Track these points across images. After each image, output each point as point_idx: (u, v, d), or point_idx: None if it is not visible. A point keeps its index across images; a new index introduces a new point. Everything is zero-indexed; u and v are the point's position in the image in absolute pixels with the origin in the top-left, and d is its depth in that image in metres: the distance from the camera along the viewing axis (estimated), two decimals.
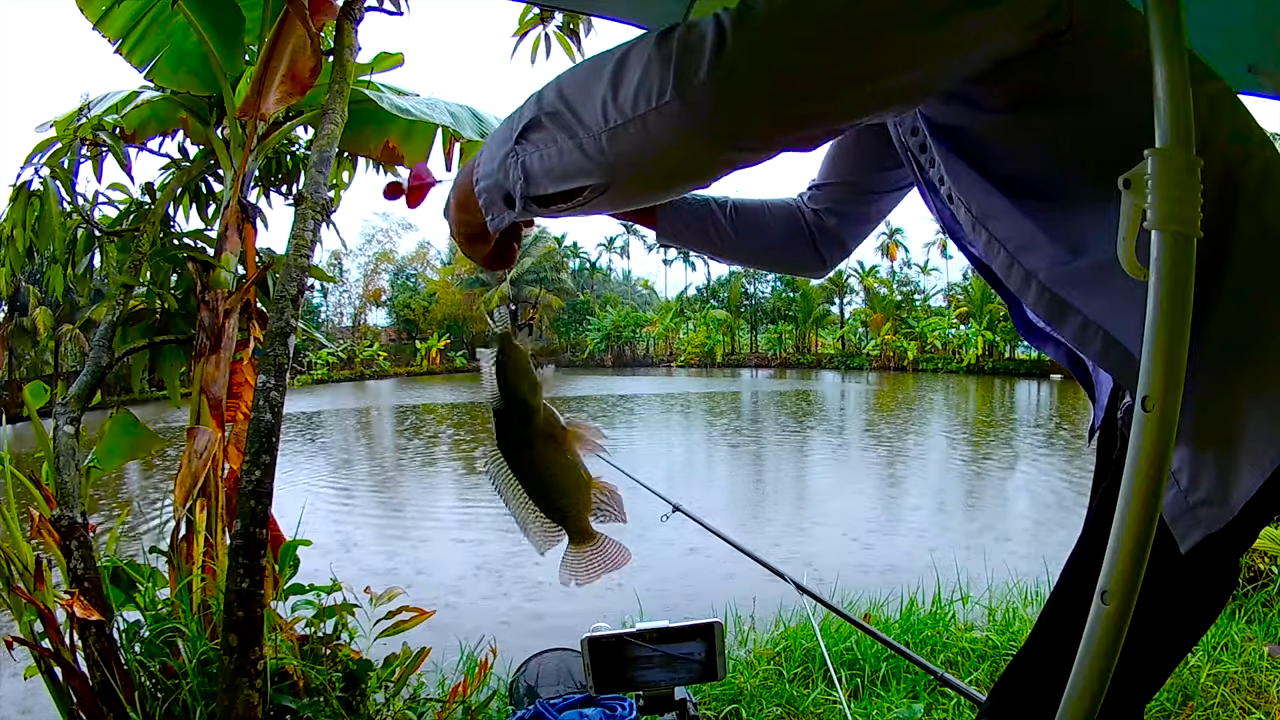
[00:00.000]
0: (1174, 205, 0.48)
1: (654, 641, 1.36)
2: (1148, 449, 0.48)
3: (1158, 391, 0.48)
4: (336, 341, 45.42)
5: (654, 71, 0.53)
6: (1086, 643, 0.50)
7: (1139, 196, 0.49)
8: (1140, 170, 0.49)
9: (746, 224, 1.09)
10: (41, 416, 2.49)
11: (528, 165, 0.60)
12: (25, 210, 2.94)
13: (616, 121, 0.55)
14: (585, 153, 0.57)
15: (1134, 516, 0.48)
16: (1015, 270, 0.72)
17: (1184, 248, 0.48)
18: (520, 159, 0.60)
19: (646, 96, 0.53)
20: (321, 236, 2.33)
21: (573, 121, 0.57)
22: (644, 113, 0.53)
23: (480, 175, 0.64)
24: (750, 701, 2.81)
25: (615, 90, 0.54)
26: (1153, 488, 0.48)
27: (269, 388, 2.11)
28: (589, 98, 0.56)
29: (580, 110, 0.56)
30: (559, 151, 0.58)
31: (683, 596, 5.44)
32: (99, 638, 2.19)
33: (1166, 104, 0.49)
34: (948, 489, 10.40)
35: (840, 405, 23.88)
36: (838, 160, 1.09)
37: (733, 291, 53.48)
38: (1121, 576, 0.48)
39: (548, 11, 2.85)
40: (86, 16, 2.73)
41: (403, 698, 2.48)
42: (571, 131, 0.57)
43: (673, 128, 0.53)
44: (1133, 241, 0.49)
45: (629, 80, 0.54)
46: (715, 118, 0.53)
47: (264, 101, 2.48)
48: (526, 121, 0.60)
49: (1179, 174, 0.48)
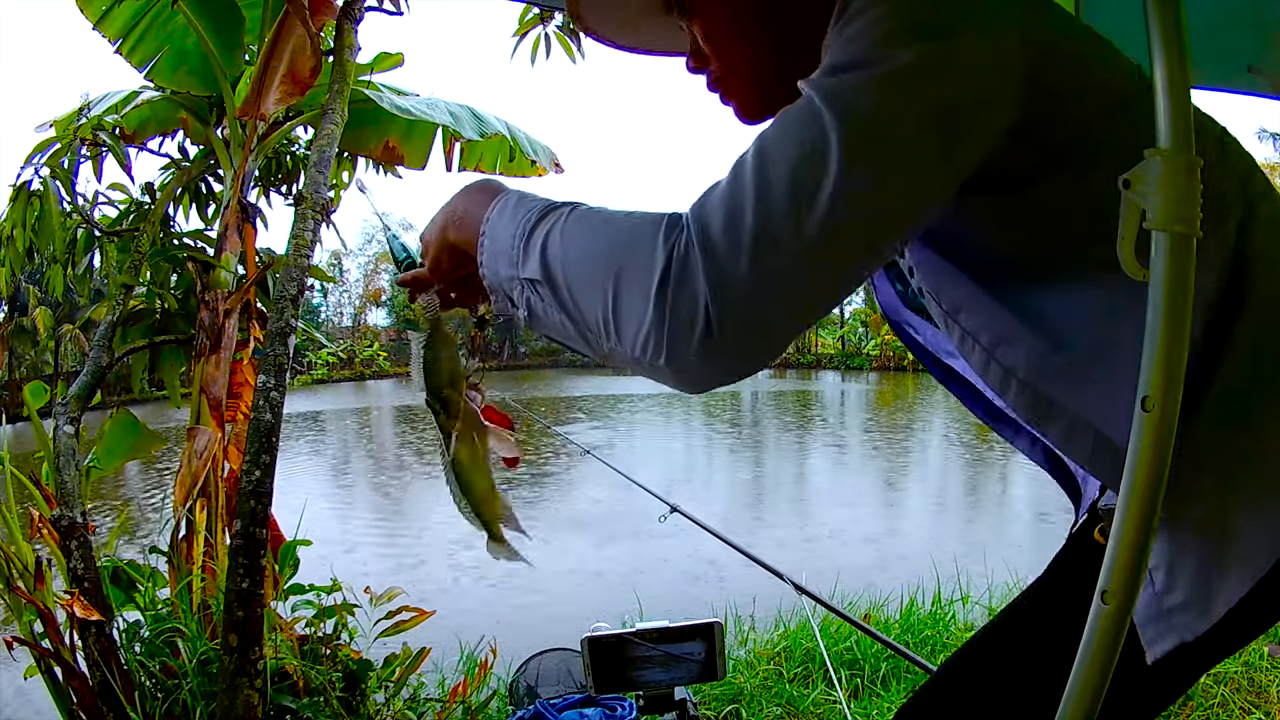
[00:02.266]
0: (1175, 205, 0.48)
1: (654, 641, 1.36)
2: (1146, 450, 0.48)
3: (1157, 392, 0.48)
4: (336, 341, 45.41)
5: (649, 325, 0.54)
6: (1086, 644, 0.50)
7: (1139, 196, 0.49)
8: (1140, 170, 0.49)
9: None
10: (41, 416, 2.49)
11: (533, 306, 0.62)
12: (25, 210, 2.95)
13: (615, 346, 0.57)
14: (586, 341, 0.60)
15: (1133, 517, 0.48)
16: (993, 367, 0.66)
17: (1184, 247, 0.48)
18: (526, 296, 0.62)
19: (642, 346, 0.55)
20: (321, 236, 2.33)
21: (575, 312, 0.59)
22: (638, 357, 0.55)
23: (486, 269, 0.65)
24: (750, 701, 2.81)
25: (615, 315, 0.56)
26: (1154, 485, 0.48)
27: (269, 388, 2.11)
28: (590, 297, 0.57)
29: (583, 306, 0.58)
30: (561, 323, 0.60)
31: (682, 596, 5.44)
32: (99, 638, 2.19)
33: (1167, 104, 0.49)
34: (948, 488, 10.40)
35: (840, 405, 23.88)
36: None
37: None
38: (1121, 576, 0.48)
39: (547, 11, 2.85)
40: (86, 16, 2.73)
41: (403, 698, 2.48)
42: (575, 320, 0.59)
43: (663, 377, 0.57)
44: (1132, 242, 0.49)
45: (627, 311, 0.55)
46: (702, 382, 0.56)
47: (264, 101, 2.48)
48: (532, 276, 0.60)
49: (1179, 174, 0.48)
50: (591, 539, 7.29)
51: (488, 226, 0.65)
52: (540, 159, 3.53)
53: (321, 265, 2.95)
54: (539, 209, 0.62)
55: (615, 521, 8.02)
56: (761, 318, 0.53)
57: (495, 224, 0.65)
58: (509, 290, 0.63)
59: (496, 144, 3.52)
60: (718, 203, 0.53)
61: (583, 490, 9.83)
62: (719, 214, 0.53)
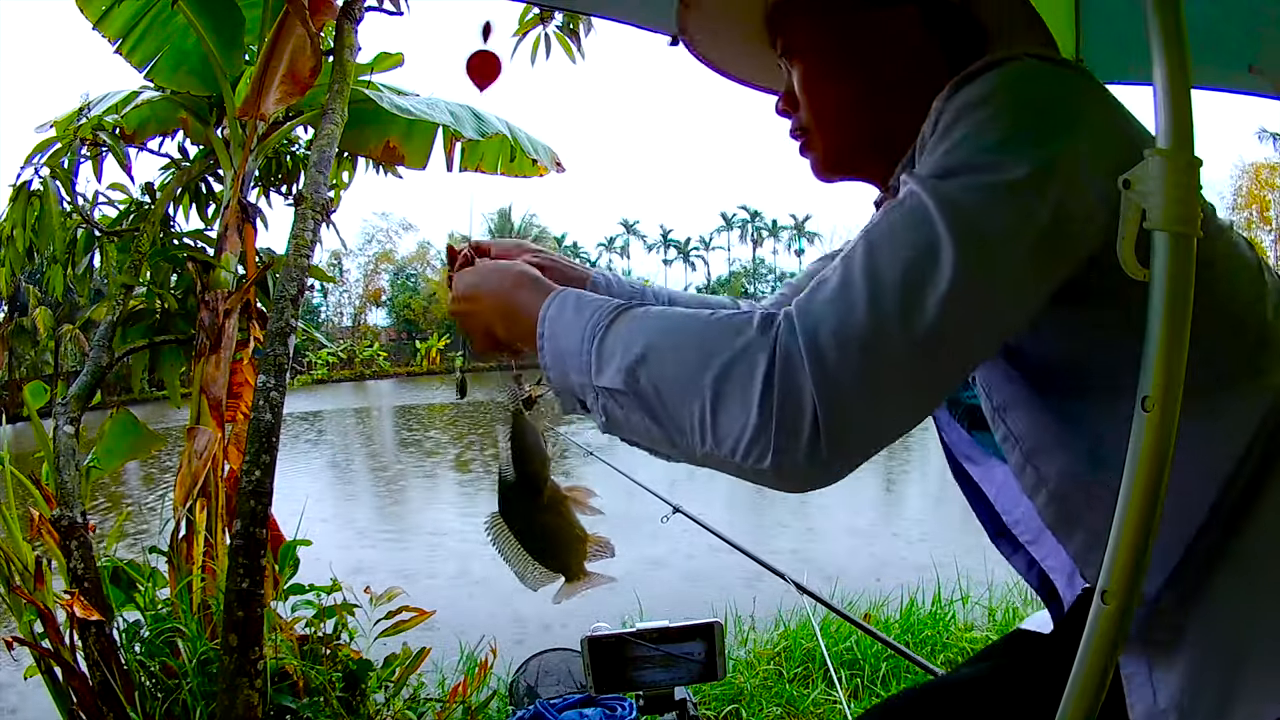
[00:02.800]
0: (1175, 205, 0.48)
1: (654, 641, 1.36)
2: (1147, 449, 0.48)
3: (1158, 392, 0.48)
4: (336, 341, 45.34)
5: (752, 430, 0.52)
6: (1085, 643, 0.50)
7: (1138, 196, 0.49)
8: (1140, 170, 0.49)
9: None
10: (41, 416, 2.49)
11: (611, 413, 0.60)
12: (25, 210, 2.95)
13: (711, 449, 0.55)
14: (674, 444, 0.58)
15: (1133, 517, 0.48)
16: (1028, 471, 0.67)
17: (1185, 247, 0.48)
18: (603, 403, 0.60)
19: (745, 452, 0.53)
20: (321, 236, 2.33)
21: (664, 418, 0.57)
22: (739, 462, 0.54)
23: (552, 373, 0.64)
24: (750, 701, 2.81)
25: (713, 421, 0.54)
26: (1154, 485, 0.48)
27: (269, 388, 2.11)
28: (682, 404, 0.56)
29: (673, 413, 0.56)
30: (646, 428, 0.59)
31: (683, 596, 5.43)
32: (99, 638, 2.19)
33: (1166, 104, 0.49)
34: (948, 488, 10.41)
35: None
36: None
37: (733, 291, 53.46)
38: (1121, 575, 0.48)
39: (548, 11, 2.85)
40: (86, 16, 2.73)
41: (403, 698, 2.48)
42: (662, 425, 0.57)
43: (765, 480, 0.55)
44: (1132, 242, 0.49)
45: (727, 417, 0.53)
46: (808, 484, 0.55)
47: (264, 101, 2.48)
48: (612, 385, 0.59)
49: (1180, 174, 0.48)
50: None
51: (546, 328, 0.63)
52: (541, 159, 3.53)
53: (321, 265, 2.94)
54: (608, 311, 0.60)
55: (616, 521, 8.01)
56: (869, 419, 0.53)
57: (555, 325, 0.63)
58: (581, 395, 0.62)
59: (497, 144, 3.52)
60: (827, 304, 0.53)
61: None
62: (830, 316, 0.52)
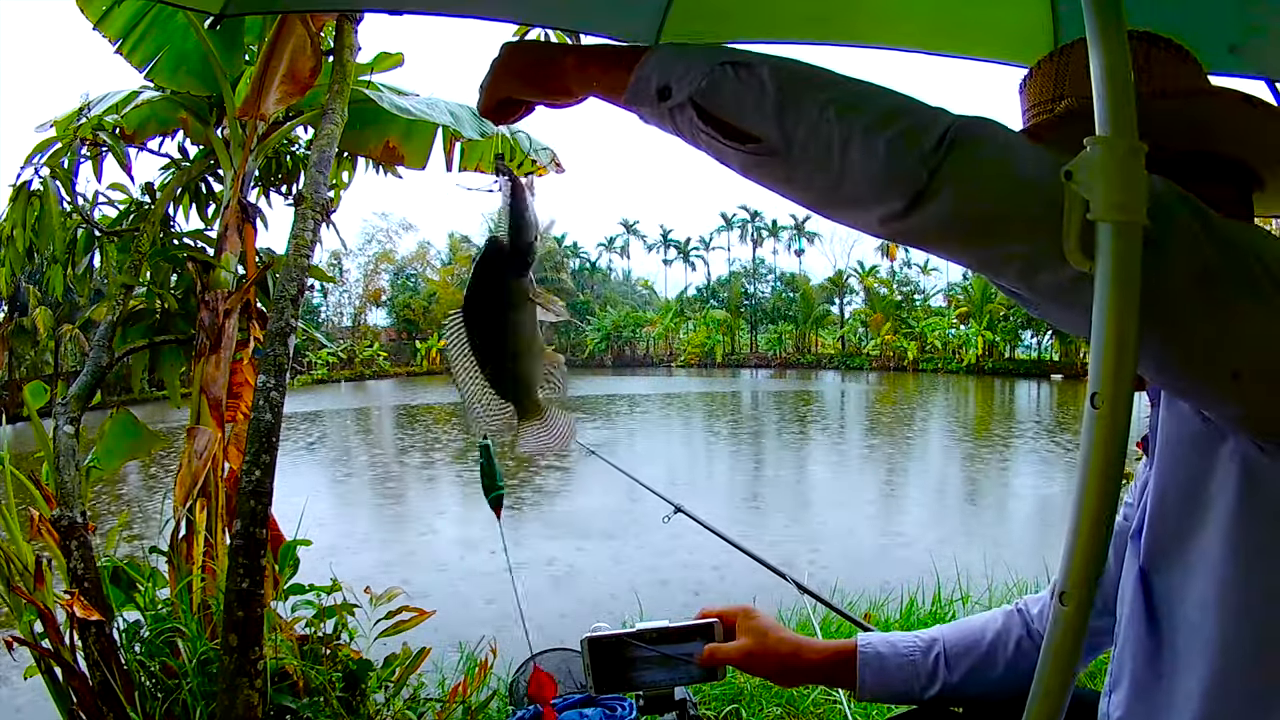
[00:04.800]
0: (1118, 193, 0.46)
1: (654, 642, 1.36)
2: (1099, 447, 0.47)
3: (1107, 388, 0.46)
4: (336, 341, 45.41)
5: (910, 159, 0.50)
6: (1047, 646, 0.49)
7: (1080, 188, 0.47)
8: (1082, 160, 0.47)
9: (966, 668, 0.95)
10: (41, 416, 2.49)
11: (725, 86, 0.57)
12: (25, 210, 2.94)
13: (842, 138, 0.52)
14: (781, 124, 0.54)
15: (1088, 517, 0.47)
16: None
17: (1130, 236, 0.46)
18: (715, 77, 0.57)
19: (887, 180, 0.51)
20: (321, 236, 2.33)
21: (791, 90, 0.54)
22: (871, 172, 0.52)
23: (651, 61, 0.61)
24: (750, 701, 2.81)
25: (874, 125, 0.52)
26: (1107, 486, 0.47)
27: (269, 388, 2.11)
28: (829, 88, 0.54)
29: (814, 88, 0.54)
30: (769, 111, 0.55)
31: (683, 596, 5.44)
32: (99, 638, 2.19)
33: (1106, 91, 0.48)
34: (948, 488, 10.40)
35: (840, 405, 23.87)
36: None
37: (733, 291, 53.51)
38: (1078, 577, 0.48)
39: None
40: (87, 17, 2.73)
41: (403, 698, 2.47)
42: (783, 96, 0.54)
43: (873, 206, 0.53)
44: (1076, 233, 0.47)
45: (881, 141, 0.51)
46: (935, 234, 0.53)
47: (264, 101, 2.48)
48: (745, 60, 0.57)
49: (1122, 161, 0.47)
50: (592, 539, 7.28)
51: (648, 64, 0.61)
52: (540, 159, 3.53)
53: (321, 265, 2.94)
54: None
55: (616, 521, 8.02)
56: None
57: (667, 48, 0.62)
58: (683, 71, 0.58)
59: (496, 144, 3.52)
60: None
61: (584, 490, 9.83)
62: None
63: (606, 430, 16.86)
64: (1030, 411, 21.46)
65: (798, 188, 0.57)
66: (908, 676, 0.95)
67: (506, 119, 0.74)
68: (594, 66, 0.66)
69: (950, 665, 0.94)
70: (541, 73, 0.68)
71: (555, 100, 0.69)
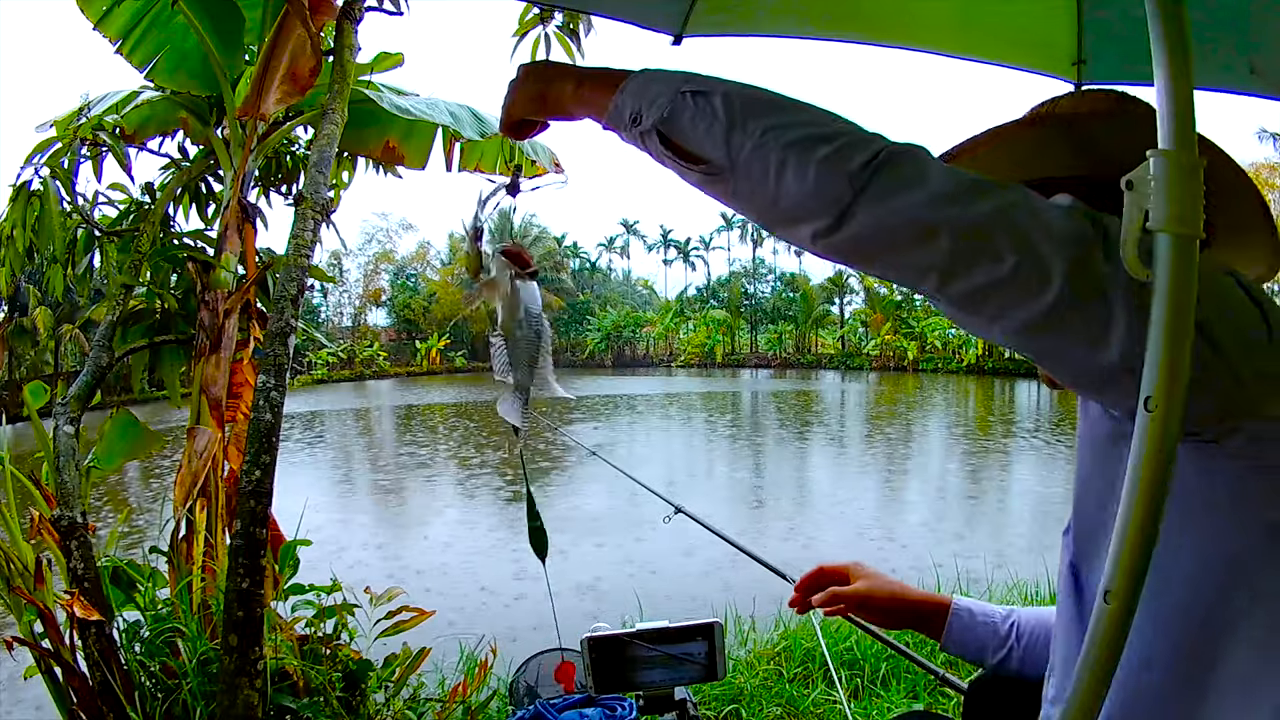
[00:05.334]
0: (1178, 206, 0.48)
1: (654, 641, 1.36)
2: (1152, 448, 0.48)
3: (1161, 392, 0.48)
4: (336, 341, 45.39)
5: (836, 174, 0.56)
6: (1089, 642, 0.50)
7: (1141, 197, 0.49)
8: (1143, 172, 0.49)
9: (1035, 645, 1.04)
10: (41, 416, 2.49)
11: (684, 114, 0.63)
12: (25, 210, 2.94)
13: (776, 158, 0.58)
14: (729, 150, 0.61)
15: (1138, 516, 0.48)
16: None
17: (1188, 248, 0.48)
18: (675, 104, 0.64)
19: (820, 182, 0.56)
20: (321, 236, 2.33)
21: (738, 117, 0.60)
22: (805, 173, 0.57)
23: (628, 88, 0.67)
24: (750, 701, 2.81)
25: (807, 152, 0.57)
26: (1157, 487, 0.48)
27: (269, 388, 2.11)
28: (773, 114, 0.60)
29: (759, 114, 0.60)
30: (718, 137, 0.61)
31: (683, 596, 5.44)
32: (99, 638, 2.19)
33: (1170, 106, 0.49)
34: (948, 488, 10.40)
35: (840, 405, 23.87)
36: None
37: (733, 291, 53.49)
38: (1124, 576, 0.49)
39: (548, 11, 2.85)
40: (87, 17, 2.73)
41: (403, 698, 2.48)
42: (730, 123, 0.61)
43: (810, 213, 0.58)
44: (1135, 242, 0.49)
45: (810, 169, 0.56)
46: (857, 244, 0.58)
47: (264, 101, 2.48)
48: (703, 88, 0.63)
49: (1183, 175, 0.48)
50: (592, 539, 7.28)
51: (629, 87, 0.67)
52: (540, 159, 3.53)
53: (321, 265, 2.94)
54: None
55: (616, 521, 8.02)
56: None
57: (642, 75, 0.67)
58: (651, 100, 0.65)
59: (496, 144, 3.52)
60: None
61: (584, 490, 9.83)
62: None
63: (606, 431, 16.86)
64: (1030, 411, 21.46)
65: (743, 205, 0.63)
66: (986, 636, 1.07)
67: (523, 136, 0.82)
68: (587, 89, 0.72)
69: (1020, 637, 1.04)
70: (549, 95, 0.75)
71: (560, 119, 0.77)
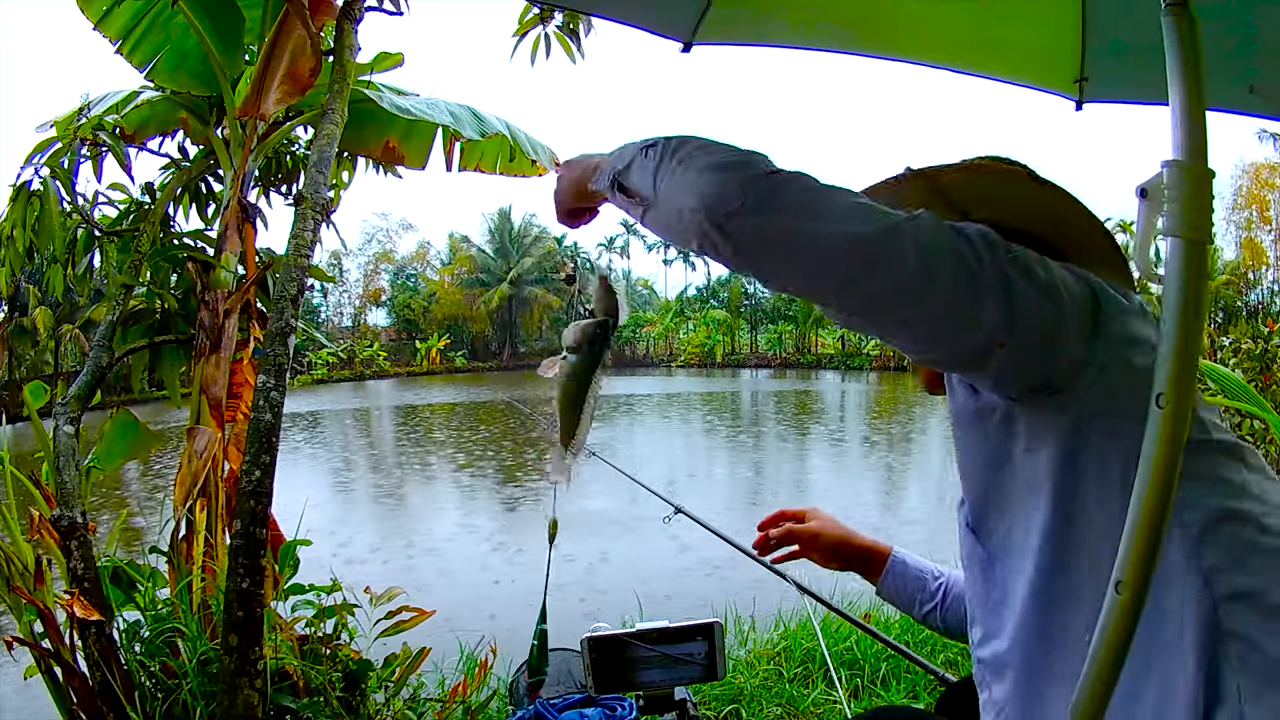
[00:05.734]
0: (1189, 213, 0.50)
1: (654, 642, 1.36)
2: (1161, 444, 0.50)
3: (1171, 390, 0.50)
4: (336, 341, 45.34)
5: (725, 185, 0.65)
6: (1100, 633, 0.51)
7: (1155, 205, 0.51)
8: (1157, 180, 0.51)
9: (959, 606, 1.11)
10: (41, 416, 2.49)
11: (634, 163, 0.75)
12: (25, 210, 2.94)
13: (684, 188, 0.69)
14: (654, 182, 0.72)
15: (1148, 509, 0.50)
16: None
17: (1198, 253, 0.50)
18: (633, 160, 0.76)
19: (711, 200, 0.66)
20: (321, 236, 2.33)
21: (667, 157, 0.72)
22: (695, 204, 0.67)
23: (611, 155, 0.80)
24: (750, 701, 2.81)
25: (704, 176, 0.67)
26: (1167, 480, 0.50)
27: (269, 388, 2.11)
28: (695, 152, 0.70)
29: (679, 155, 0.71)
30: (649, 174, 0.73)
31: (683, 596, 5.43)
32: (99, 638, 2.19)
33: (1184, 119, 0.52)
34: (948, 488, 10.40)
35: (840, 405, 23.87)
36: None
37: (733, 291, 53.46)
38: (1135, 568, 0.50)
39: (548, 11, 2.85)
40: (87, 17, 2.73)
41: (403, 698, 2.48)
42: (660, 161, 0.72)
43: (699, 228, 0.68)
44: (1149, 248, 0.52)
45: (706, 180, 0.66)
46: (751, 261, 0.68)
47: (264, 101, 2.48)
48: (655, 142, 0.74)
49: (1194, 184, 0.51)
50: (592, 539, 7.28)
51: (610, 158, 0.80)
52: (540, 159, 3.53)
53: (321, 265, 2.94)
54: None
55: (616, 521, 8.02)
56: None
57: (624, 151, 0.79)
58: (622, 162, 0.76)
59: (496, 144, 3.52)
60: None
61: (584, 490, 9.83)
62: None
63: (606, 431, 16.86)
64: None
65: (662, 231, 0.73)
66: (915, 590, 1.19)
67: (577, 224, 0.93)
68: (596, 168, 0.82)
69: (946, 596, 1.16)
70: (582, 181, 0.84)
71: (601, 202, 0.86)
